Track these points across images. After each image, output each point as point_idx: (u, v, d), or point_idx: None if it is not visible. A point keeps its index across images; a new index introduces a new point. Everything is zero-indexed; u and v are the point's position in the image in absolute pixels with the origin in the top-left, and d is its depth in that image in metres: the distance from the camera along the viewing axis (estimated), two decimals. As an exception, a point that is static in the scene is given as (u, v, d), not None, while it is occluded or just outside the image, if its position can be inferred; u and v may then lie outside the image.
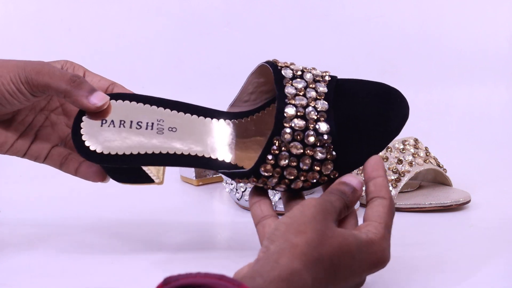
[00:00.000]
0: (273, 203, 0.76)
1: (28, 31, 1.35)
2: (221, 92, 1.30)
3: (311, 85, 0.65)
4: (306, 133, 0.63)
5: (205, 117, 0.71)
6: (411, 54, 1.38)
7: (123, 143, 0.67)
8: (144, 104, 0.69)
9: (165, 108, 0.69)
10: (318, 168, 0.64)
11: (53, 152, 0.74)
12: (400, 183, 0.91)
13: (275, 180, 0.64)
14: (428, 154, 0.96)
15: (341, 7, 1.38)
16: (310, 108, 0.63)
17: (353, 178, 0.62)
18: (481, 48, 1.37)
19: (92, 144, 0.67)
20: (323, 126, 0.63)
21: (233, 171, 0.66)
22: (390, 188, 0.91)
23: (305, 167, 0.63)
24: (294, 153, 0.63)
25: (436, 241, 0.80)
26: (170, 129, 0.69)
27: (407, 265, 0.71)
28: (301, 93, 0.64)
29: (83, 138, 0.67)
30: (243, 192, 0.90)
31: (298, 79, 0.66)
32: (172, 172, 1.10)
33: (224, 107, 0.74)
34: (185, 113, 0.70)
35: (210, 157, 0.68)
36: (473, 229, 0.84)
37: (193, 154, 0.68)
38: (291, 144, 0.62)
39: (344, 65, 1.35)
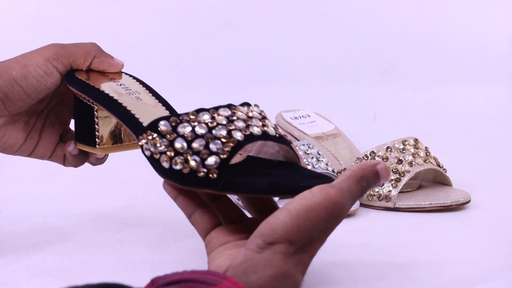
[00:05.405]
0: None
1: (28, 31, 1.35)
2: (221, 92, 1.30)
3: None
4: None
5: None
6: (410, 53, 1.38)
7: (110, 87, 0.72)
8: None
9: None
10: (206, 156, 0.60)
11: (57, 150, 0.75)
12: (400, 183, 0.91)
13: (166, 144, 0.62)
14: (428, 154, 0.96)
15: (341, 7, 1.38)
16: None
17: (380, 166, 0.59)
18: (481, 47, 1.37)
19: None
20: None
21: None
22: (390, 188, 0.91)
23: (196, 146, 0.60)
24: (198, 132, 0.61)
25: (436, 241, 0.80)
26: (138, 98, 0.72)
27: (407, 265, 0.71)
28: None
29: None
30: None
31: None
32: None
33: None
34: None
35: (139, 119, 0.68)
36: (473, 229, 0.84)
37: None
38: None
39: (344, 65, 1.35)
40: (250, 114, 0.64)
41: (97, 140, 0.73)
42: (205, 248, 0.63)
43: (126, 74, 0.77)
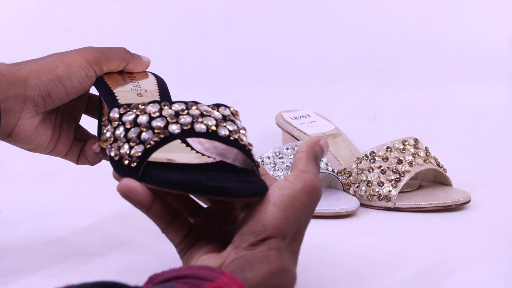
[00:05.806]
0: None
1: (28, 31, 1.35)
2: (221, 92, 1.30)
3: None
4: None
5: None
6: (410, 53, 1.38)
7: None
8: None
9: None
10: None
11: (72, 147, 0.76)
12: (400, 183, 0.91)
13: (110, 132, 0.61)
14: (428, 154, 0.96)
15: (341, 7, 1.38)
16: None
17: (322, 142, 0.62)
18: (481, 47, 1.37)
19: None
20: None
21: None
22: (390, 188, 0.91)
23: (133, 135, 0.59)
24: (138, 121, 0.59)
25: (436, 241, 0.80)
26: (139, 94, 0.71)
27: (407, 265, 0.71)
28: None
29: None
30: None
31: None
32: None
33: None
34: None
35: None
36: (473, 229, 0.84)
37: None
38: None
39: (344, 65, 1.35)
40: (207, 113, 0.60)
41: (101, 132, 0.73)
42: (178, 253, 0.61)
43: (153, 74, 0.77)
